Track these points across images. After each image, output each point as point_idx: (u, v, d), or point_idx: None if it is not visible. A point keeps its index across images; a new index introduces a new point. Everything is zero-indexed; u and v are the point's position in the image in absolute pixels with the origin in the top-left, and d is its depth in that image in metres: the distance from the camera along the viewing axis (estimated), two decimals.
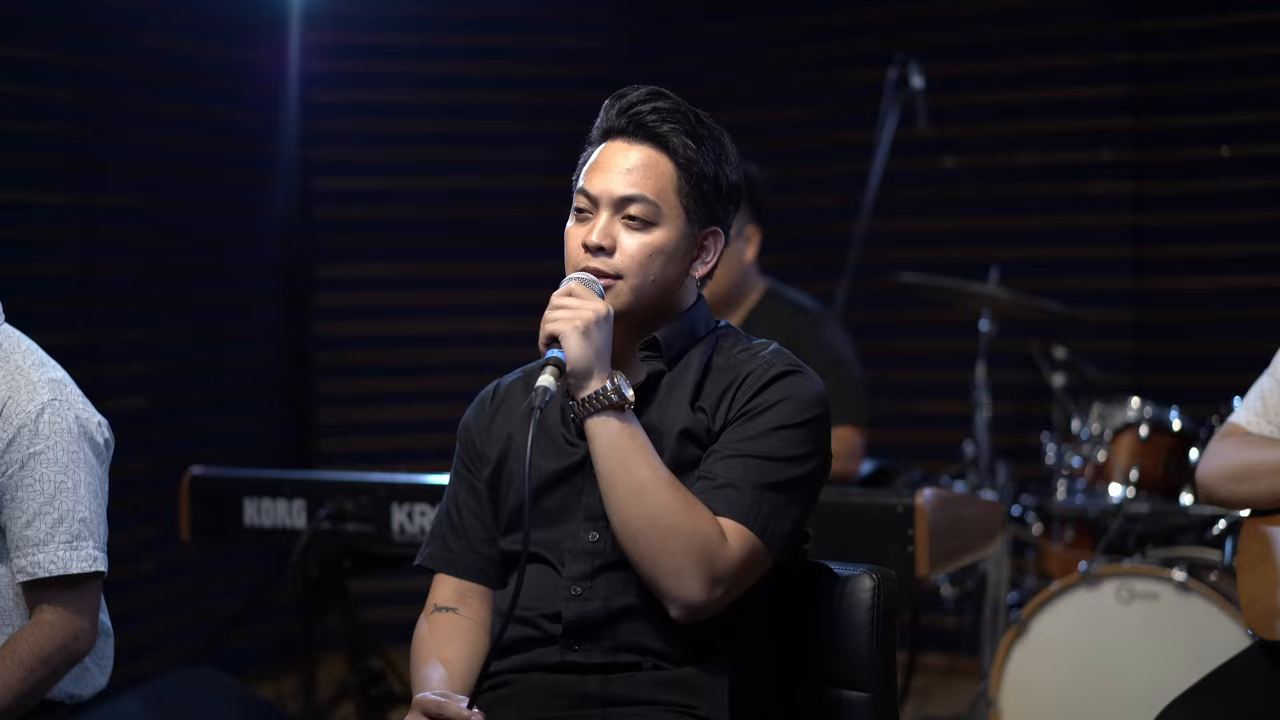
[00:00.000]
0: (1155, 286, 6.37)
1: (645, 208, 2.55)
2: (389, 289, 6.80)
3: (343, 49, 6.61)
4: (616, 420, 2.46)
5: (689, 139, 2.57)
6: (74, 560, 2.77)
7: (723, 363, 2.60)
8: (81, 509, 2.80)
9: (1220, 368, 6.13)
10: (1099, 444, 4.91)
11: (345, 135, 6.71)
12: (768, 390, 2.53)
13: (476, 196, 6.84)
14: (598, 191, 2.57)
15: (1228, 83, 6.27)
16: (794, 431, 2.51)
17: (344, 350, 6.76)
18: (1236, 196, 6.26)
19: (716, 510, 2.45)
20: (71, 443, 2.80)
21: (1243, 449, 3.23)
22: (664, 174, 2.56)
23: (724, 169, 2.60)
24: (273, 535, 4.14)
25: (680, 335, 2.62)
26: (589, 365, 2.46)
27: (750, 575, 2.48)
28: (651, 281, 2.56)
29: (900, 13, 6.58)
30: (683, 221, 2.57)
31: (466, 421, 2.77)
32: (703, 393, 2.57)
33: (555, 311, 2.48)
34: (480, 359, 6.78)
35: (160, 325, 5.94)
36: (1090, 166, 6.42)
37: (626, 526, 2.44)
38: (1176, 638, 4.48)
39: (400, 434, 6.65)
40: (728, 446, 2.51)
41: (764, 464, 2.48)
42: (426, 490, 3.96)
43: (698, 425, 2.54)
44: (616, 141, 2.60)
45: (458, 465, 2.76)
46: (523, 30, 6.86)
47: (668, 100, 2.60)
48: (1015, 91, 6.43)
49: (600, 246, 2.55)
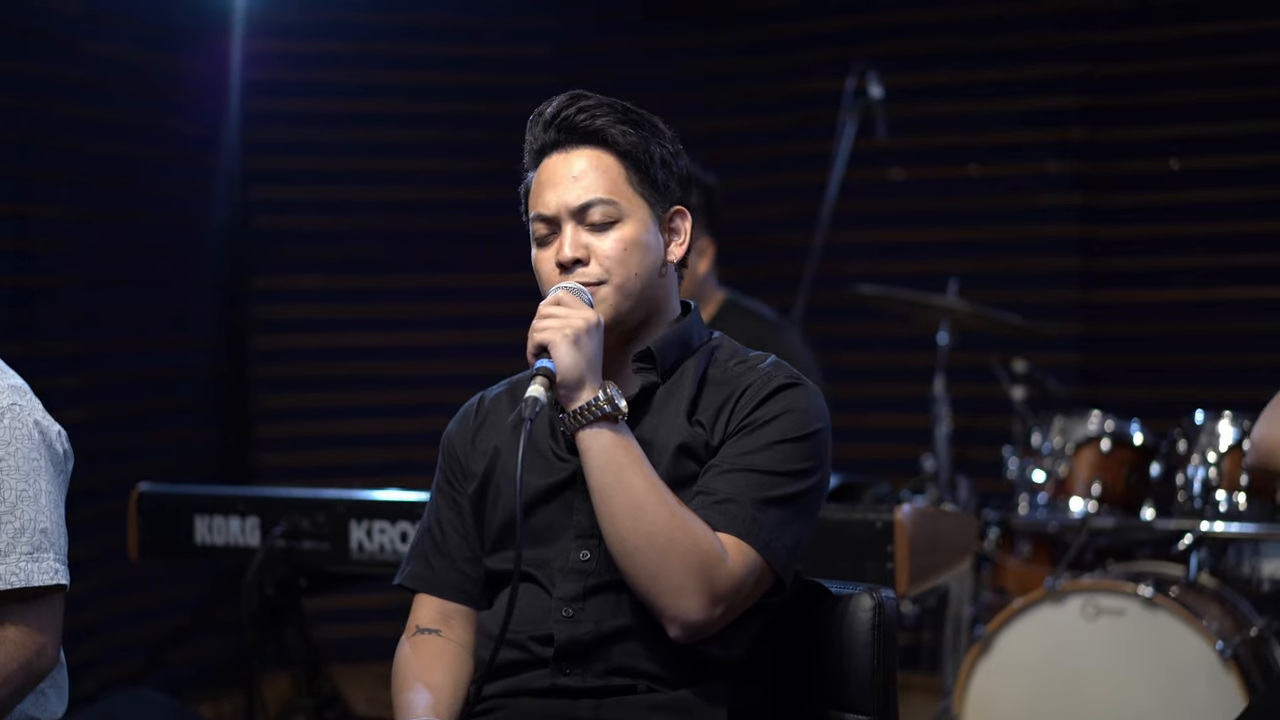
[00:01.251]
0: (1103, 299, 6.35)
1: (605, 209, 2.48)
2: (328, 301, 6.69)
3: (283, 58, 6.49)
4: (610, 432, 2.37)
5: (625, 126, 2.50)
6: (36, 572, 2.65)
7: (719, 375, 2.52)
8: (43, 519, 2.68)
9: (1169, 381, 6.14)
10: (1060, 458, 4.86)
11: (285, 145, 6.60)
12: (768, 403, 2.45)
13: (417, 207, 6.74)
14: (553, 210, 2.50)
15: (1177, 95, 6.26)
16: (795, 445, 2.43)
17: (282, 363, 6.64)
18: (1186, 209, 6.25)
19: (716, 526, 2.37)
20: (32, 450, 2.69)
21: None
22: (611, 169, 2.49)
23: (666, 147, 2.54)
24: (225, 553, 4.01)
25: (674, 346, 2.54)
26: (580, 375, 2.37)
27: (751, 593, 2.39)
28: (635, 275, 2.48)
29: (851, 23, 6.53)
30: (645, 210, 2.51)
31: (449, 435, 2.67)
32: (699, 406, 2.49)
33: (544, 320, 2.40)
34: (421, 372, 6.72)
35: (97, 337, 5.81)
36: (1040, 178, 6.39)
37: (622, 543, 2.34)
38: (1143, 654, 4.44)
39: (340, 449, 6.55)
40: (727, 460, 2.42)
41: (765, 478, 2.40)
42: (386, 507, 3.85)
43: (695, 440, 2.46)
44: (554, 155, 2.53)
45: (440, 480, 2.66)
46: (464, 39, 6.77)
47: (590, 98, 2.54)
48: (967, 103, 6.40)
49: (575, 259, 2.48)
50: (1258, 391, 5.43)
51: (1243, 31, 6.14)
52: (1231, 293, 6.14)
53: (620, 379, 2.51)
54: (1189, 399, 5.70)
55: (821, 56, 6.35)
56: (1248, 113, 6.13)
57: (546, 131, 2.53)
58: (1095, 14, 6.33)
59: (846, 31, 6.51)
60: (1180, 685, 4.39)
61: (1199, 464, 4.67)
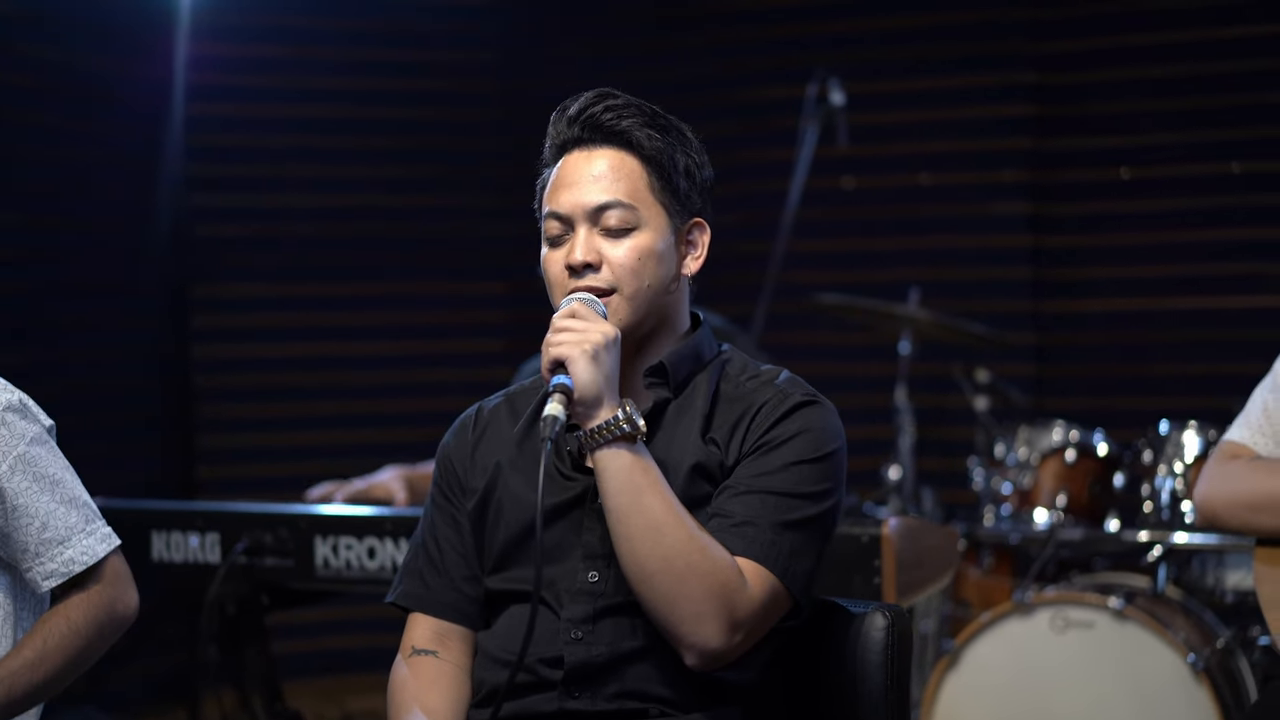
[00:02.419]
0: (1054, 309, 6.33)
1: (623, 213, 2.39)
2: (271, 309, 6.57)
3: (227, 61, 6.37)
4: (628, 453, 2.28)
5: (652, 130, 2.42)
6: (97, 544, 2.72)
7: (732, 391, 2.44)
8: (79, 492, 2.76)
9: (1119, 390, 6.14)
10: (1026, 469, 4.83)
11: (228, 150, 6.47)
12: (785, 422, 2.37)
13: (362, 214, 6.63)
14: (569, 209, 2.41)
15: (1128, 104, 6.26)
16: (813, 467, 2.36)
17: (225, 373, 6.51)
18: (1136, 219, 6.24)
19: (734, 550, 2.29)
20: (42, 432, 2.74)
21: (1260, 476, 3.05)
22: (633, 173, 2.40)
23: (692, 157, 2.45)
24: (184, 571, 3.90)
25: (685, 360, 2.45)
26: (599, 392, 2.28)
27: (770, 619, 2.32)
28: (647, 287, 2.39)
29: (800, 31, 6.48)
30: (663, 219, 2.41)
31: (446, 449, 2.56)
32: (713, 424, 2.40)
33: (560, 335, 2.30)
34: (366, 382, 6.62)
35: (35, 347, 5.68)
36: (991, 187, 6.37)
37: (640, 568, 2.26)
38: (1114, 667, 4.41)
39: (284, 460, 6.42)
40: (744, 481, 2.34)
41: (783, 501, 2.33)
42: (352, 522, 3.75)
43: (710, 459, 2.37)
44: (575, 152, 2.44)
45: (436, 495, 2.55)
46: (410, 45, 6.68)
47: (619, 98, 2.45)
48: (919, 111, 6.36)
49: (586, 263, 2.38)
50: (1211, 400, 5.49)
51: (1193, 41, 6.13)
52: (1184, 302, 6.13)
53: (630, 393, 2.42)
54: (1141, 409, 5.70)
55: (773, 64, 6.29)
56: (1198, 122, 6.13)
57: (571, 127, 2.44)
58: (1046, 23, 6.31)
59: (795, 39, 6.46)
60: (1152, 698, 4.36)
61: (1167, 475, 4.65)
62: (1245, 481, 3.06)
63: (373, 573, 3.71)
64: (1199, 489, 3.13)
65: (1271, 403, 3.11)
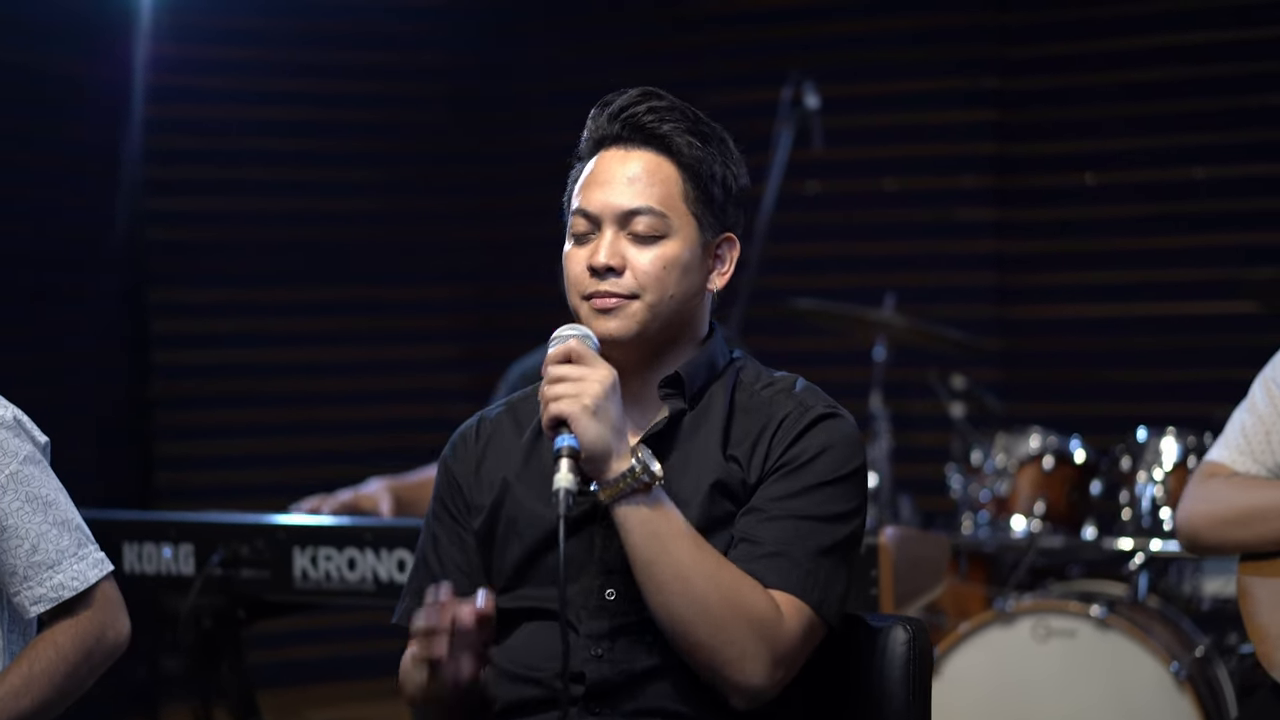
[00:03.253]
0: (1018, 314, 6.31)
1: (653, 220, 2.32)
2: (230, 315, 6.48)
3: (188, 63, 6.28)
4: (647, 506, 2.20)
5: (693, 137, 2.34)
6: (89, 569, 2.64)
7: (747, 401, 2.37)
8: (71, 513, 2.66)
9: (1086, 396, 6.12)
10: (1003, 476, 4.79)
11: (186, 153, 6.38)
12: (807, 437, 2.30)
13: (321, 218, 6.56)
14: (598, 208, 2.34)
15: (1092, 109, 6.25)
16: (840, 486, 2.30)
17: (184, 379, 6.42)
18: (1100, 224, 6.23)
19: (768, 583, 2.23)
20: (34, 450, 2.65)
21: (1237, 491, 3.05)
22: (669, 179, 2.33)
23: (731, 169, 2.37)
24: (156, 583, 3.79)
25: (700, 369, 2.38)
26: (606, 447, 2.19)
27: (809, 649, 2.27)
28: (670, 297, 2.32)
29: (766, 35, 6.44)
30: (694, 230, 2.34)
31: (448, 463, 2.47)
32: (731, 438, 2.33)
33: (556, 388, 2.21)
34: (326, 390, 6.53)
35: None
36: (955, 192, 6.35)
37: (675, 620, 2.20)
38: (1096, 676, 4.38)
39: (244, 468, 6.34)
40: (771, 505, 2.28)
41: (813, 526, 2.26)
42: (332, 533, 3.65)
43: (731, 477, 2.30)
44: (612, 150, 2.36)
45: (439, 511, 2.46)
46: (370, 47, 6.61)
47: (663, 99, 2.37)
48: (883, 115, 6.34)
49: (609, 266, 2.31)
50: (1181, 407, 5.48)
51: (1156, 46, 6.14)
52: (1149, 308, 6.13)
53: (644, 403, 2.36)
54: (1108, 414, 5.72)
55: (748, 67, 6.23)
56: (1161, 127, 6.13)
57: (611, 124, 2.36)
58: (1010, 29, 6.30)
59: (767, 42, 6.42)
60: (1135, 708, 4.34)
61: (1147, 482, 4.63)
62: (1224, 499, 3.07)
63: (353, 585, 3.62)
64: (1180, 510, 3.14)
65: (1249, 423, 3.12)
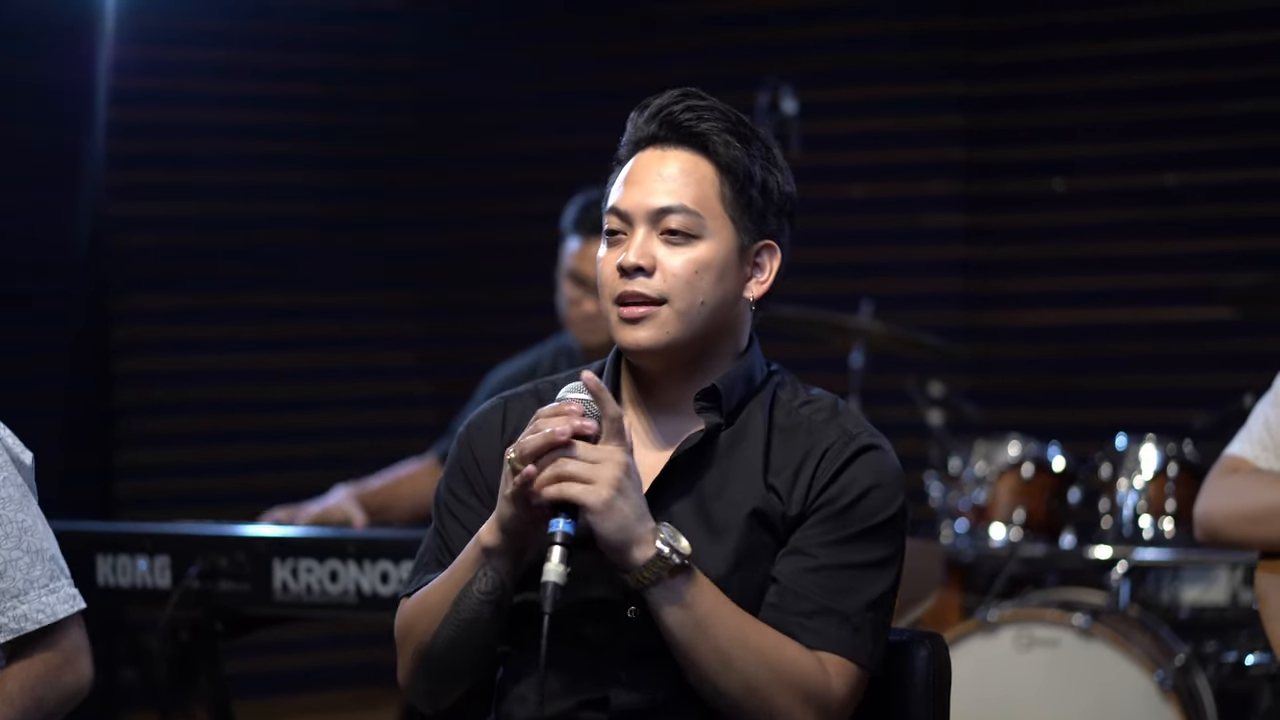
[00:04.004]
0: (988, 321, 6.29)
1: (686, 219, 2.24)
2: (194, 321, 6.38)
3: (151, 66, 6.19)
4: (681, 585, 2.13)
5: (732, 138, 2.26)
6: (57, 604, 2.48)
7: (785, 419, 2.28)
8: (48, 545, 2.52)
9: (1059, 403, 6.11)
10: (983, 484, 4.76)
11: (149, 157, 6.28)
12: (850, 471, 2.22)
13: (286, 223, 6.47)
14: (630, 206, 2.26)
15: (1060, 115, 6.24)
16: (885, 530, 2.23)
17: (146, 387, 6.32)
18: (1070, 230, 6.21)
19: (817, 644, 2.17)
20: (15, 473, 2.53)
21: (1262, 488, 3.01)
22: (705, 179, 2.25)
23: (773, 174, 2.29)
24: (131, 596, 3.72)
25: (738, 383, 2.29)
26: (628, 536, 2.11)
27: (857, 702, 2.22)
28: (701, 304, 2.23)
29: (731, 40, 6.41)
30: (730, 234, 2.26)
31: (471, 445, 2.35)
32: (771, 464, 2.25)
33: (566, 467, 2.10)
34: (290, 396, 6.45)
35: None
36: (924, 198, 6.32)
37: (721, 697, 2.15)
38: (1079, 685, 4.36)
39: (208, 476, 6.25)
40: (817, 551, 2.20)
41: (860, 575, 2.20)
42: (313, 544, 3.58)
43: (771, 509, 2.22)
44: (649, 151, 2.28)
45: (458, 491, 2.34)
46: (333, 50, 6.53)
47: (704, 99, 2.30)
48: (851, 120, 6.31)
49: (639, 266, 2.23)
50: (1151, 414, 5.47)
51: (1126, 52, 6.13)
52: (1121, 315, 6.11)
53: (678, 414, 2.29)
54: (1072, 422, 5.69)
55: (723, 71, 6.19)
56: (1131, 133, 6.12)
57: (649, 124, 2.28)
58: (978, 33, 6.28)
59: (733, 47, 6.39)
60: (1119, 717, 4.32)
61: (1128, 490, 4.61)
62: (1246, 494, 3.03)
63: (335, 597, 3.54)
64: (1201, 504, 3.09)
65: (1273, 417, 3.08)
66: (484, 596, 2.18)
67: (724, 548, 2.20)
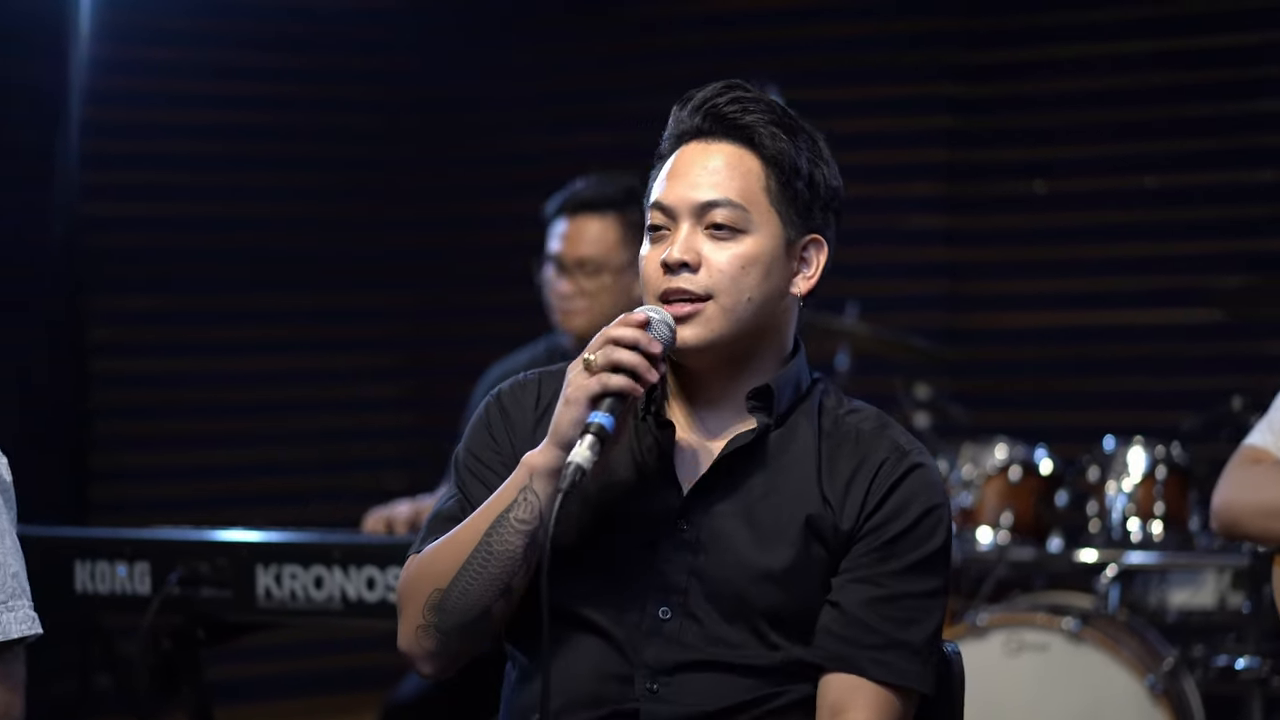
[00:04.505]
0: (972, 323, 6.26)
1: (731, 213, 2.19)
2: (170, 322, 6.31)
3: (126, 65, 6.11)
4: None
5: (778, 129, 2.21)
6: (13, 623, 2.33)
7: (832, 428, 2.24)
8: (12, 562, 2.37)
9: (1043, 405, 6.08)
10: (970, 487, 4.73)
11: (128, 157, 6.20)
12: (905, 489, 2.19)
13: (269, 224, 6.40)
14: (673, 201, 2.21)
15: (1043, 117, 6.21)
16: (942, 555, 2.21)
17: (122, 389, 6.24)
18: (1052, 232, 6.19)
19: (884, 678, 2.14)
20: None
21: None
22: (750, 172, 2.20)
23: (820, 167, 2.24)
24: (110, 603, 3.64)
25: (789, 386, 2.25)
26: None
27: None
28: (748, 300, 2.18)
29: (715, 40, 6.37)
30: (776, 227, 2.21)
31: (502, 414, 2.30)
32: (824, 471, 2.21)
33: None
34: (267, 399, 6.39)
35: None
36: (907, 200, 6.29)
37: None
38: (1069, 690, 4.34)
39: (188, 480, 6.17)
40: (883, 580, 2.17)
41: (923, 606, 2.18)
42: (298, 549, 3.50)
43: (824, 518, 2.18)
44: (692, 144, 2.24)
45: (476, 461, 2.28)
46: (310, 50, 6.46)
47: (749, 91, 2.26)
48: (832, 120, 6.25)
49: (683, 262, 2.18)
50: (1138, 415, 5.45)
51: (1107, 54, 6.11)
52: (1103, 317, 6.10)
53: (723, 411, 2.24)
54: (1055, 424, 5.66)
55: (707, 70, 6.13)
56: (1112, 135, 6.10)
57: (692, 117, 2.24)
58: (960, 35, 6.26)
59: (716, 48, 6.34)
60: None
61: (1116, 493, 4.59)
62: (1270, 488, 2.98)
63: (320, 604, 3.48)
64: (1220, 495, 3.05)
65: None
66: (521, 525, 2.12)
67: (776, 553, 2.16)
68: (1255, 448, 3.04)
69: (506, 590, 2.15)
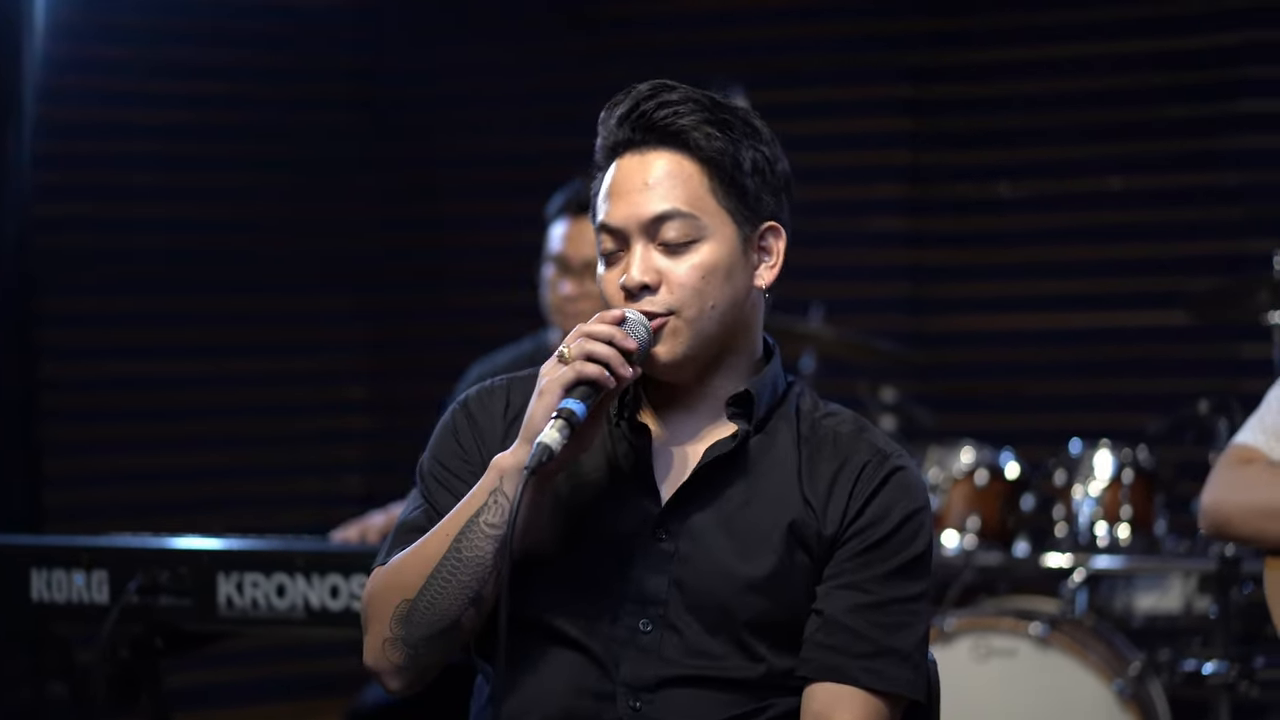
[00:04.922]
0: (935, 326, 6.24)
1: (682, 224, 2.14)
2: (123, 325, 6.22)
3: (80, 64, 6.03)
4: None
5: (712, 128, 2.15)
6: None
7: (809, 432, 2.20)
8: None
9: (1004, 409, 6.06)
10: (936, 491, 4.71)
11: (82, 157, 6.11)
12: (887, 493, 2.16)
13: (219, 225, 6.31)
14: (621, 221, 2.15)
15: (1006, 119, 6.19)
16: (925, 559, 2.18)
17: (74, 392, 6.14)
18: (1016, 234, 6.17)
19: (876, 685, 2.10)
20: None
21: (1277, 482, 2.94)
22: (692, 177, 2.14)
23: (761, 153, 2.18)
24: (67, 612, 3.57)
25: (767, 390, 2.21)
26: None
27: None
28: (712, 307, 2.14)
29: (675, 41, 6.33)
30: (729, 228, 2.16)
31: (470, 422, 2.25)
32: (804, 476, 2.17)
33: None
34: (224, 402, 6.31)
35: None
36: (869, 202, 6.27)
37: None
38: (1037, 695, 4.33)
39: (146, 485, 6.08)
40: (871, 586, 2.13)
41: (910, 610, 2.14)
42: (260, 557, 3.45)
43: (806, 526, 2.14)
44: (627, 156, 2.17)
45: (444, 470, 2.23)
46: (269, 48, 6.38)
47: (675, 90, 2.18)
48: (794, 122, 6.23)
49: (643, 284, 2.12)
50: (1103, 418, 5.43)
51: (1071, 56, 6.09)
52: (1068, 320, 6.08)
53: (699, 415, 2.20)
54: (1019, 427, 5.65)
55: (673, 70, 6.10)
56: (1076, 138, 6.09)
57: (621, 127, 2.17)
58: (922, 36, 6.24)
59: (677, 48, 6.30)
60: None
61: (1083, 497, 4.57)
62: (1261, 489, 2.94)
63: (282, 613, 3.42)
64: (1209, 495, 3.00)
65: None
66: (491, 529, 2.07)
67: (759, 561, 2.12)
68: (1246, 447, 3.00)
69: (476, 599, 2.10)
